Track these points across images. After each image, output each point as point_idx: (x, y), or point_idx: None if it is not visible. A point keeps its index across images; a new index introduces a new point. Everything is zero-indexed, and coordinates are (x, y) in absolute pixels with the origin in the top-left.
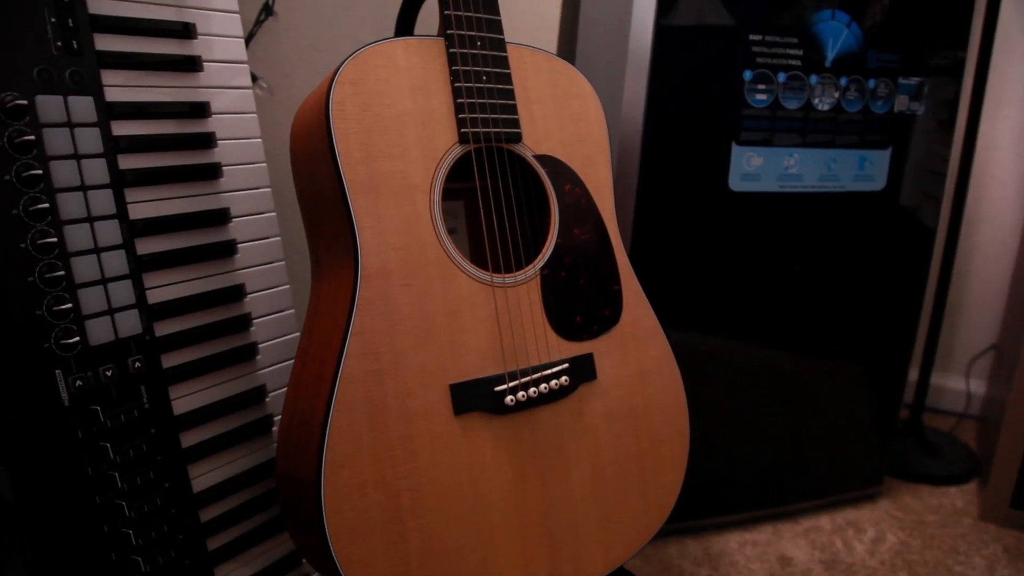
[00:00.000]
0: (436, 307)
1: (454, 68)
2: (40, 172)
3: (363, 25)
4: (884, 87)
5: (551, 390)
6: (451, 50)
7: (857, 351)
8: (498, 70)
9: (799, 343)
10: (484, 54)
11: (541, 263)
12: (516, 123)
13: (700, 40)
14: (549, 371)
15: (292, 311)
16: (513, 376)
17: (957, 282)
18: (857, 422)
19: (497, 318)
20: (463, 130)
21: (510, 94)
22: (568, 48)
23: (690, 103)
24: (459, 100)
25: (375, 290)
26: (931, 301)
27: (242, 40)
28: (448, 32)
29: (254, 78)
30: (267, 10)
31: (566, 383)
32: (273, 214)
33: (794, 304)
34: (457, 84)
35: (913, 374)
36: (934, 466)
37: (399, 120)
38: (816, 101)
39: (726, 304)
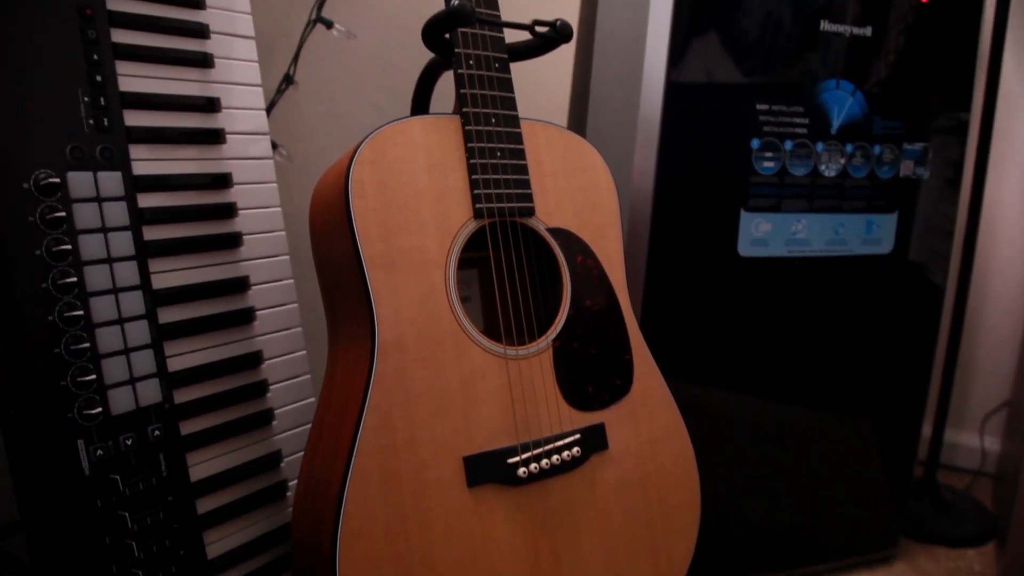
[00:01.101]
0: (450, 380)
1: (469, 145)
2: (69, 247)
3: (379, 90)
4: (889, 153)
5: (563, 461)
6: (467, 127)
7: (869, 407)
8: (512, 146)
9: (811, 400)
10: (499, 131)
11: (554, 334)
12: (529, 198)
13: (708, 111)
14: (561, 442)
15: (308, 376)
16: (526, 448)
17: (969, 338)
18: (871, 481)
19: (510, 390)
20: (478, 206)
21: (524, 169)
22: (579, 118)
23: (699, 171)
24: (474, 176)
25: (391, 364)
26: (943, 358)
27: (264, 112)
28: (464, 110)
29: (274, 146)
30: (288, 80)
31: (578, 454)
32: (291, 281)
33: (805, 361)
34: (472, 161)
35: (927, 430)
36: (950, 527)
37: (416, 197)
38: (823, 168)
39: (737, 363)
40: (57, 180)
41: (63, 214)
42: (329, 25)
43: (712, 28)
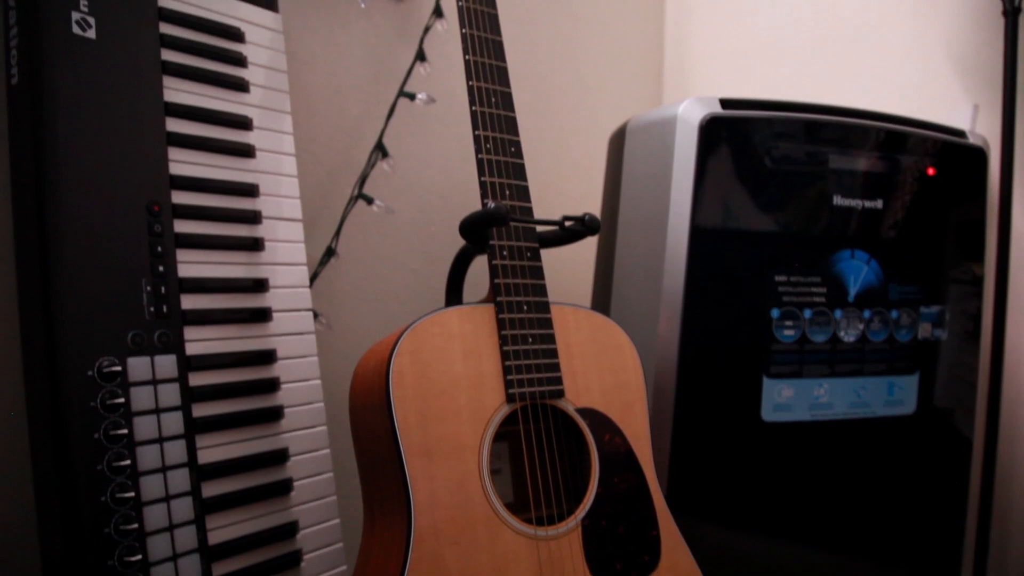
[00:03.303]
0: (483, 564)
1: (503, 333)
2: (125, 431)
3: (414, 256)
4: (907, 317)
5: None
6: (500, 316)
7: (903, 562)
8: (543, 331)
9: (842, 554)
10: (530, 317)
11: (582, 514)
12: (559, 381)
13: (729, 283)
14: None
15: (340, 544)
16: None
17: (1003, 487)
18: None
19: (540, 570)
20: (510, 391)
21: (554, 353)
22: (604, 286)
23: (721, 340)
24: (507, 363)
25: (426, 549)
26: (976, 508)
27: (308, 290)
28: (498, 299)
29: (315, 315)
30: (330, 253)
31: None
32: (327, 451)
33: (833, 516)
34: (505, 348)
35: None
36: None
37: (452, 384)
38: (842, 334)
39: (765, 521)
40: (119, 368)
41: (121, 400)
42: (370, 201)
43: (730, 208)
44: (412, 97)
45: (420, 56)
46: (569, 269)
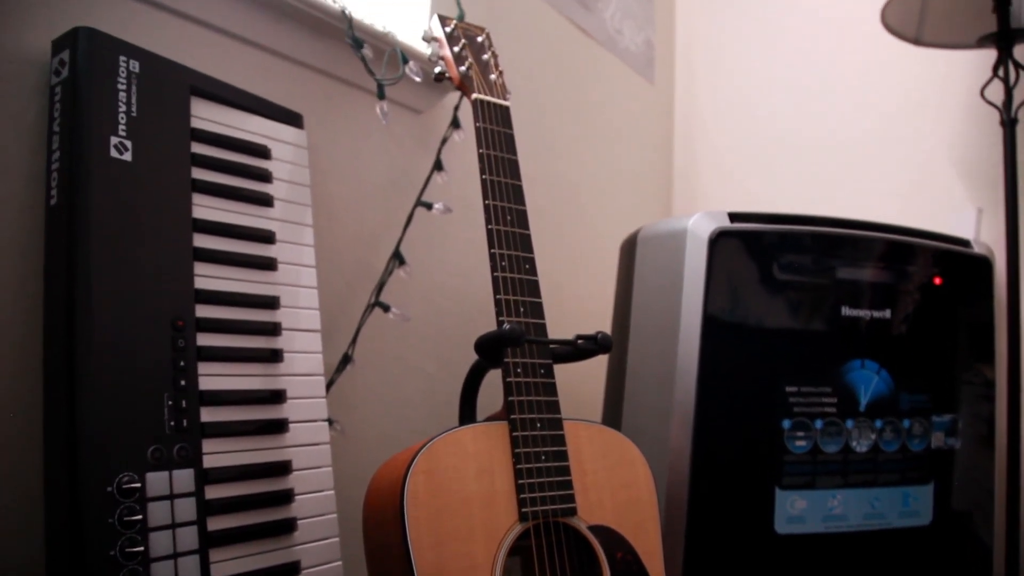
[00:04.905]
0: None
1: (516, 451)
2: (141, 549)
3: (427, 359)
4: (919, 426)
5: None
6: (514, 434)
7: None
8: (556, 448)
9: None
10: (544, 435)
11: None
12: (572, 498)
13: (739, 395)
14: None
15: None
16: None
17: None
18: None
19: None
20: (524, 509)
21: (566, 471)
22: (616, 394)
23: (733, 451)
24: (520, 481)
25: None
26: None
27: (324, 400)
28: (512, 417)
29: (330, 422)
30: (346, 360)
31: None
32: (339, 563)
33: None
34: (519, 466)
35: None
36: None
37: (465, 503)
38: (854, 444)
39: None
40: (138, 484)
41: (139, 517)
42: (386, 309)
43: (740, 319)
44: (429, 207)
45: (438, 166)
46: (580, 374)
